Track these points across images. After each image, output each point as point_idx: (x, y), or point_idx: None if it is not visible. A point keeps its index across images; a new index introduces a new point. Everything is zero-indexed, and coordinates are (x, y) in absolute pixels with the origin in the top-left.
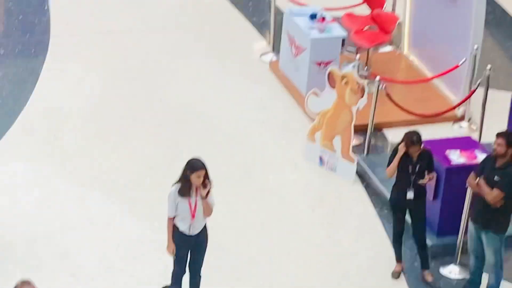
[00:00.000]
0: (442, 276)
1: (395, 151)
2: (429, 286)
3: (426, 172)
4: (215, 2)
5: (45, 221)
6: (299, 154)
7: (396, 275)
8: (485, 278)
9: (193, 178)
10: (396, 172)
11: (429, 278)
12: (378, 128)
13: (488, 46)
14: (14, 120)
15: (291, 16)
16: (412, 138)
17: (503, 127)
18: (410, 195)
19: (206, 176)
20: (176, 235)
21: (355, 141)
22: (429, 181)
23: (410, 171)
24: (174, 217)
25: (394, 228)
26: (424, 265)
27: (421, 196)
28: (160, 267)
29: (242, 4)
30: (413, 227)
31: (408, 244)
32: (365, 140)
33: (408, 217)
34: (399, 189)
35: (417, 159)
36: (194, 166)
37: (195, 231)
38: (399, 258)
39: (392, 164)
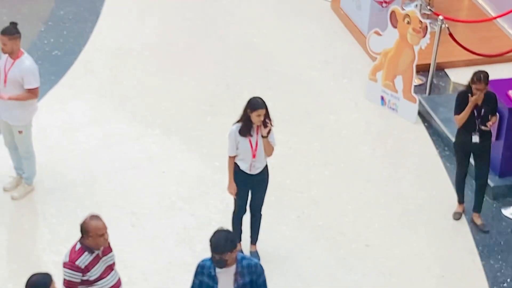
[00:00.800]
0: (504, 217)
1: (461, 96)
2: (486, 227)
3: (489, 116)
4: None
5: (105, 160)
6: (360, 93)
7: (457, 215)
8: None
9: (253, 117)
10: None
11: (478, 221)
12: (440, 68)
13: None
14: (75, 60)
15: None
16: (479, 76)
17: None
18: (475, 138)
19: (267, 115)
20: (237, 174)
21: (417, 81)
22: (492, 124)
23: (476, 114)
24: (235, 156)
25: (458, 171)
26: (478, 209)
27: (487, 139)
28: (220, 206)
29: None
30: (476, 170)
31: (470, 186)
32: (427, 80)
33: (471, 160)
34: (464, 132)
35: (482, 102)
36: (255, 104)
37: (256, 170)
38: (461, 200)
39: (463, 113)
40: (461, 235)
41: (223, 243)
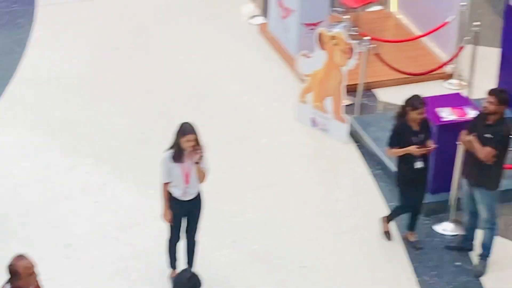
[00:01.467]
0: (436, 234)
1: (399, 129)
2: (420, 244)
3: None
4: None
5: (37, 193)
6: (291, 116)
7: (387, 235)
8: (479, 234)
9: (183, 143)
10: None
11: (412, 238)
12: (368, 88)
13: (476, 2)
14: (2, 91)
15: None
16: (420, 100)
17: (492, 83)
18: (419, 164)
19: (197, 141)
20: (171, 201)
21: (346, 101)
22: (433, 148)
23: (415, 142)
24: (168, 183)
25: (405, 202)
26: (413, 228)
27: (427, 163)
28: (155, 234)
29: None
30: (416, 195)
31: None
32: (356, 100)
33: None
34: (407, 162)
35: (420, 129)
36: (184, 130)
37: (189, 196)
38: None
39: (401, 151)
40: (396, 253)
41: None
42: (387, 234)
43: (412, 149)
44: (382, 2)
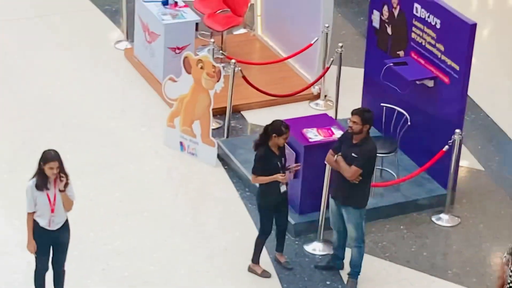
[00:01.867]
0: (306, 253)
1: (263, 156)
2: (290, 264)
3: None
4: None
5: None
6: (159, 141)
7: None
8: (348, 253)
9: (47, 170)
10: None
11: (282, 259)
12: (236, 111)
13: (339, 24)
14: None
15: (143, 2)
16: (285, 125)
17: (358, 103)
18: (284, 188)
19: (61, 168)
20: (37, 231)
21: (214, 124)
22: (297, 168)
23: (279, 165)
24: (34, 213)
25: (268, 228)
26: (281, 249)
27: (287, 185)
28: (23, 265)
29: None
30: (280, 217)
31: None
32: (224, 123)
33: None
34: (273, 187)
35: (280, 153)
36: (47, 157)
37: (56, 225)
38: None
39: (267, 179)
40: (267, 275)
41: None
42: (265, 273)
43: (280, 177)
44: (247, 25)
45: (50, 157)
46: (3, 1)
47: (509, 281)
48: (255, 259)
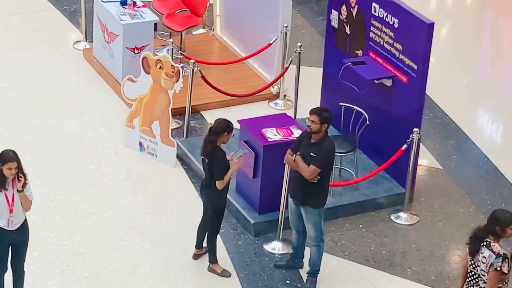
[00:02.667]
0: (266, 253)
1: (223, 159)
2: (253, 263)
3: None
4: None
5: None
6: (119, 141)
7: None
8: (307, 252)
9: (5, 170)
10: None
11: (219, 269)
12: (196, 110)
13: (298, 24)
14: None
15: (102, 2)
16: (230, 126)
17: (317, 102)
18: None
19: (19, 169)
20: None
21: (173, 124)
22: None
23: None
24: None
25: (219, 227)
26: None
27: None
28: None
29: None
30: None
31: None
32: (183, 123)
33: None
34: (226, 188)
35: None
36: (5, 157)
37: (14, 226)
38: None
39: (228, 177)
40: (225, 274)
41: None
42: (225, 272)
43: (236, 165)
44: (206, 25)
45: (8, 157)
46: None
47: (469, 270)
48: (213, 259)
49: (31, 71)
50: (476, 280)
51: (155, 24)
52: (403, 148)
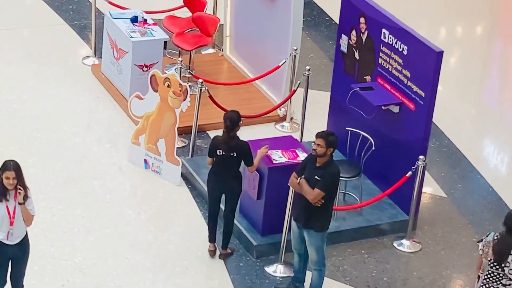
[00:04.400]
0: (267, 275)
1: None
2: (254, 286)
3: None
4: (33, 5)
5: None
6: (124, 157)
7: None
8: (308, 275)
9: (4, 180)
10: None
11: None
12: (202, 130)
13: (307, 47)
14: None
15: (112, 19)
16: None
17: (323, 126)
18: None
19: (19, 180)
20: None
21: (179, 143)
22: None
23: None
24: None
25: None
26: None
27: None
28: None
29: (62, 8)
30: None
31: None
32: (189, 142)
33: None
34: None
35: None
36: (4, 167)
37: (14, 239)
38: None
39: (257, 160)
40: None
41: None
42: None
43: (263, 152)
44: (216, 45)
45: (7, 166)
46: None
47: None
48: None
49: (39, 84)
50: (499, 278)
51: (165, 42)
52: (408, 175)
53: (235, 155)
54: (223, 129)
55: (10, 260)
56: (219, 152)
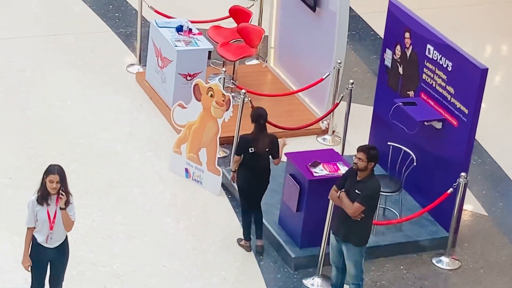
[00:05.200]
0: None
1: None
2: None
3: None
4: (81, 12)
5: None
6: (165, 166)
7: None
8: None
9: (47, 183)
10: None
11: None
12: None
13: (351, 61)
14: None
15: (158, 27)
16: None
17: (365, 140)
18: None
19: (62, 184)
20: (34, 247)
21: (221, 153)
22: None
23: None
24: (33, 229)
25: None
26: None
27: None
28: (19, 282)
29: (108, 15)
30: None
31: None
32: (231, 152)
33: None
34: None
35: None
36: (49, 170)
37: (54, 243)
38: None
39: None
40: None
41: None
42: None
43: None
44: (260, 57)
45: (52, 170)
46: (19, 19)
47: None
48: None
49: (82, 91)
50: None
51: (209, 52)
52: (449, 191)
53: (267, 150)
54: (254, 127)
55: (49, 264)
56: (251, 150)
